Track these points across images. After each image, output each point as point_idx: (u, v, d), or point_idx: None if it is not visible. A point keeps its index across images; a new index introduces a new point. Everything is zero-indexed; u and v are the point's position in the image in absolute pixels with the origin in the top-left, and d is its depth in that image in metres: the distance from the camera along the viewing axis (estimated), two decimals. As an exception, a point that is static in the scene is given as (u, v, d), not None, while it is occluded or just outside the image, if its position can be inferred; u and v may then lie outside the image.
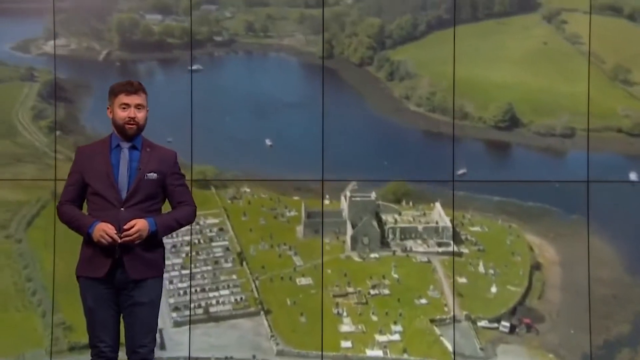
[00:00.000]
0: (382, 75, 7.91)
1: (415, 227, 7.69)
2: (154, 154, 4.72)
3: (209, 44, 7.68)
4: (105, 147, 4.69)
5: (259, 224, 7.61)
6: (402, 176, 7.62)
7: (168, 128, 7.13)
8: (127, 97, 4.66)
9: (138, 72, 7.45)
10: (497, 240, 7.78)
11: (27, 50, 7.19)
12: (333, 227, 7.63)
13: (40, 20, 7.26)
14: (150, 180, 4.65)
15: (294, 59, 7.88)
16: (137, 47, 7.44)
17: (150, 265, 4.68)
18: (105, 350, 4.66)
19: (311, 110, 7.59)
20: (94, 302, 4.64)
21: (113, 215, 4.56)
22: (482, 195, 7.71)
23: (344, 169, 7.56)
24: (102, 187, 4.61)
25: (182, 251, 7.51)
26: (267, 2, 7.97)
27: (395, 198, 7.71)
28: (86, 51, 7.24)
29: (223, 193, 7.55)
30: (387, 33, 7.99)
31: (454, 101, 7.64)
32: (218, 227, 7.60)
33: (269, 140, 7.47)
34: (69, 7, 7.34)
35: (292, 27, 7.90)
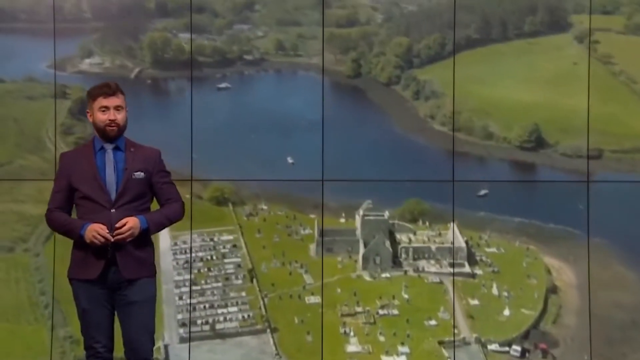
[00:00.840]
0: (409, 94, 7.99)
1: (429, 247, 7.72)
2: (138, 153, 4.74)
3: (239, 63, 7.85)
4: (89, 151, 4.72)
5: (272, 241, 7.70)
6: (422, 196, 7.67)
7: (195, 144, 7.32)
8: (106, 100, 4.66)
9: (169, 90, 7.66)
10: (513, 262, 7.77)
11: (63, 68, 7.43)
12: (346, 245, 7.70)
13: (76, 40, 7.52)
14: (137, 179, 4.67)
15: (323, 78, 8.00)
16: (168, 65, 7.64)
17: (143, 264, 4.71)
18: (101, 350, 4.68)
19: (335, 128, 7.71)
20: (88, 303, 4.67)
21: (104, 217, 4.58)
22: (503, 216, 7.73)
23: (364, 187, 7.65)
24: (90, 190, 4.63)
25: (194, 267, 7.64)
26: (299, 21, 8.10)
27: (412, 217, 7.76)
28: (119, 69, 7.47)
29: (240, 210, 7.66)
30: (414, 52, 8.06)
31: (454, 98, 7.66)
32: (232, 243, 7.70)
33: (291, 158, 7.62)
34: (104, 26, 7.58)
35: (320, 46, 8.02)
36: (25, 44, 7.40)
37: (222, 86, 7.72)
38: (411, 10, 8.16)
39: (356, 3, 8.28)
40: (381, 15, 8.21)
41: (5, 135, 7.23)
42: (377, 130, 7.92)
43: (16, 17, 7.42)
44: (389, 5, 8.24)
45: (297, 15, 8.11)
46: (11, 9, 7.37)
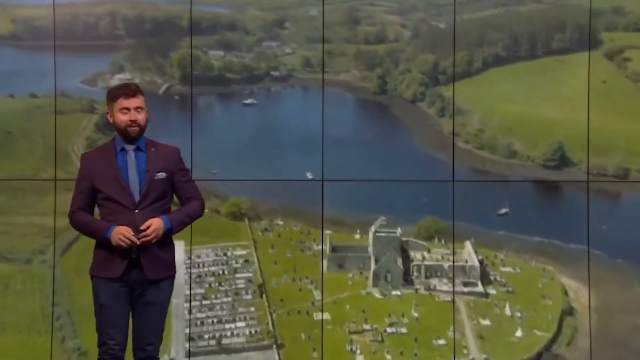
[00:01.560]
0: (433, 111, 8.03)
1: (442, 265, 7.72)
2: (159, 153, 4.79)
3: (266, 79, 8.01)
4: (110, 152, 4.75)
5: (285, 256, 7.76)
6: (440, 214, 7.69)
7: (217, 159, 7.52)
8: (127, 101, 4.70)
9: (197, 106, 7.85)
10: (528, 283, 7.71)
11: (95, 83, 7.70)
12: (357, 262, 7.73)
13: (110, 56, 7.77)
14: (159, 179, 4.72)
15: (348, 94, 8.11)
16: (197, 82, 7.82)
17: (166, 265, 4.77)
18: (115, 348, 4.69)
19: (359, 144, 7.83)
20: (108, 300, 4.69)
21: (127, 218, 4.63)
22: (522, 235, 7.70)
23: (381, 203, 7.71)
24: (114, 191, 4.67)
25: (205, 281, 7.74)
26: (328, 38, 8.21)
27: (427, 235, 7.76)
28: (148, 85, 7.67)
29: (256, 225, 7.75)
30: (441, 69, 8.10)
31: (454, 96, 7.68)
32: (244, 258, 7.78)
33: (310, 173, 7.74)
34: (136, 43, 7.82)
35: (348, 63, 8.14)
36: (61, 60, 7.67)
37: (247, 102, 7.89)
38: (438, 28, 8.20)
39: (385, 20, 8.37)
40: (409, 32, 8.28)
41: (32, 148, 7.50)
42: (400, 147, 7.97)
43: (54, 35, 7.68)
44: (418, 23, 8.30)
45: (326, 32, 8.21)
46: (49, 27, 7.63)
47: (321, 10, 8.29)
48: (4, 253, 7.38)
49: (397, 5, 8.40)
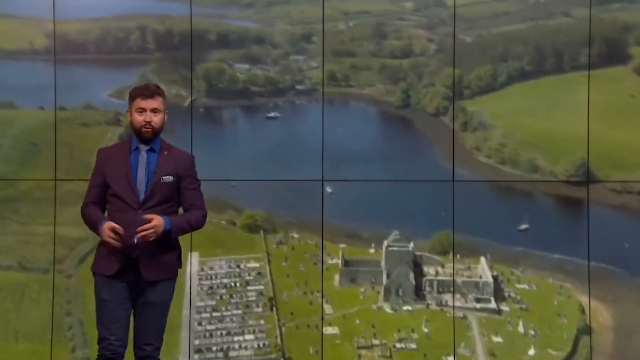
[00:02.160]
0: (456, 125, 8.02)
1: (455, 280, 7.72)
2: (171, 156, 4.85)
3: (290, 92, 8.11)
4: (125, 149, 4.83)
5: (298, 270, 7.77)
6: (457, 228, 7.66)
7: (238, 171, 7.64)
8: (144, 102, 4.79)
9: (221, 118, 7.97)
10: (543, 300, 7.62)
11: (122, 96, 7.85)
12: (370, 276, 7.72)
13: (137, 69, 7.95)
14: (165, 183, 4.77)
15: (372, 108, 8.16)
16: (222, 94, 7.94)
17: (165, 267, 4.81)
18: (116, 343, 4.72)
19: (380, 158, 7.86)
20: (108, 296, 4.74)
21: (131, 217, 4.68)
22: (541, 252, 7.63)
23: (397, 217, 7.72)
24: (121, 189, 4.74)
25: (217, 293, 7.78)
26: (354, 52, 8.28)
27: (443, 249, 7.74)
28: (174, 97, 7.83)
29: (271, 238, 7.79)
30: (465, 83, 8.09)
31: (454, 96, 7.63)
32: (257, 271, 7.82)
33: (330, 187, 7.80)
34: (163, 56, 7.98)
35: (373, 77, 8.18)
36: (91, 74, 7.89)
37: (271, 115, 7.98)
38: (464, 42, 8.20)
39: (413, 34, 8.39)
40: (435, 46, 8.30)
41: (57, 160, 7.68)
42: (421, 160, 7.98)
43: (86, 49, 7.90)
44: (445, 37, 8.30)
45: (353, 46, 8.30)
46: (81, 40, 7.86)
47: (348, 24, 8.39)
48: (22, 262, 7.53)
49: (426, 19, 8.41)
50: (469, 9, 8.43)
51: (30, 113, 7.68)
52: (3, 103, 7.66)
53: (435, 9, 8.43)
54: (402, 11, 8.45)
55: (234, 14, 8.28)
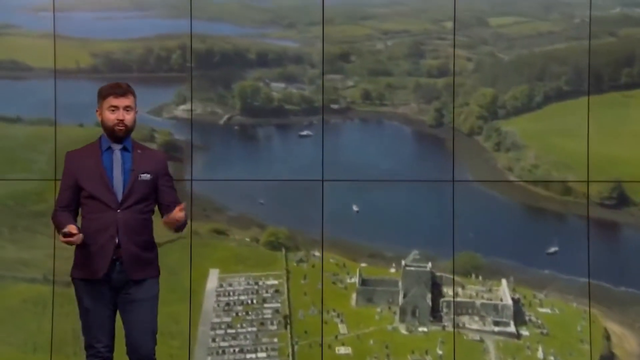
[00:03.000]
0: (489, 145, 7.95)
1: (473, 302, 7.54)
2: (146, 155, 4.85)
3: (325, 111, 8.18)
4: (95, 150, 4.78)
5: (315, 288, 7.75)
6: (480, 250, 7.57)
7: (267, 189, 7.76)
8: (116, 100, 4.75)
9: (256, 136, 8.08)
10: (566, 325, 7.45)
11: (159, 114, 8.04)
12: (387, 296, 7.66)
13: (176, 88, 8.16)
14: (143, 181, 4.75)
15: (406, 127, 8.16)
16: (257, 113, 8.05)
17: (148, 265, 4.80)
18: (103, 350, 4.74)
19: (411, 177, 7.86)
20: (92, 303, 4.72)
21: (109, 217, 4.67)
22: (569, 275, 7.48)
23: (418, 236, 7.68)
24: (97, 190, 4.69)
25: (234, 310, 7.81)
26: (390, 71, 8.31)
27: (465, 270, 7.66)
28: (210, 115, 7.98)
29: (292, 255, 7.80)
30: (500, 103, 8.02)
31: (453, 95, 7.49)
32: (275, 289, 7.82)
33: (356, 206, 7.83)
34: (201, 75, 8.15)
35: (407, 96, 8.19)
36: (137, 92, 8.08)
37: (303, 133, 8.06)
38: (501, 61, 8.13)
39: (450, 53, 8.37)
40: (472, 65, 8.26)
41: None
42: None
43: (128, 68, 8.13)
44: (484, 56, 8.26)
45: (390, 65, 8.32)
46: (124, 59, 8.10)
47: (386, 44, 8.43)
48: (47, 275, 7.66)
49: (467, 39, 8.38)
50: (511, 28, 8.39)
51: (69, 130, 7.87)
52: (43, 120, 7.84)
53: (476, 29, 8.39)
54: (442, 31, 8.42)
55: (275, 34, 8.38)
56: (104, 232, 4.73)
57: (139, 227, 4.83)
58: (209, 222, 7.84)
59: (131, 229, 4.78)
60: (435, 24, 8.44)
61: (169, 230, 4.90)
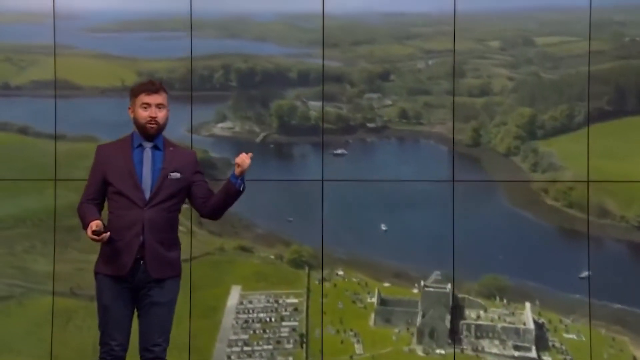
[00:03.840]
0: (526, 166, 7.79)
1: (494, 325, 7.35)
2: (177, 154, 4.85)
3: (361, 130, 8.17)
4: (126, 146, 4.80)
5: (335, 307, 7.68)
6: (504, 271, 7.38)
7: (296, 207, 7.77)
8: (148, 97, 4.78)
9: (292, 154, 8.13)
10: (592, 352, 7.18)
11: (199, 131, 8.17)
12: (406, 317, 7.55)
13: (217, 106, 8.29)
14: (173, 179, 4.76)
15: (442, 146, 8.07)
16: (293, 131, 8.10)
17: (171, 265, 4.81)
18: (117, 349, 4.75)
19: (443, 197, 7.76)
20: (111, 300, 4.74)
21: (135, 215, 4.69)
22: (601, 301, 7.22)
23: (439, 258, 7.57)
24: (125, 186, 4.71)
25: (252, 327, 7.79)
26: (429, 90, 8.25)
27: (489, 292, 7.49)
28: (247, 133, 8.05)
29: (316, 274, 7.75)
30: (538, 123, 7.87)
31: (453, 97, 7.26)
32: (294, 307, 7.78)
33: (384, 225, 7.77)
34: (239, 94, 8.26)
35: (445, 115, 8.11)
36: (174, 109, 8.24)
37: (337, 152, 8.06)
38: (541, 81, 7.97)
39: (492, 73, 8.26)
40: (512, 85, 8.13)
41: None
42: (484, 201, 7.79)
43: (172, 86, 8.30)
44: (526, 76, 8.14)
45: (430, 84, 8.27)
46: (168, 78, 8.27)
47: (428, 63, 8.38)
48: (74, 288, 7.76)
49: (512, 58, 8.29)
50: (558, 47, 8.23)
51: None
52: (87, 137, 7.99)
53: (522, 48, 8.27)
54: (486, 50, 8.33)
55: (319, 53, 8.42)
56: (130, 230, 4.75)
57: (164, 226, 4.84)
58: (237, 238, 7.90)
59: (156, 227, 4.79)
60: (480, 43, 8.34)
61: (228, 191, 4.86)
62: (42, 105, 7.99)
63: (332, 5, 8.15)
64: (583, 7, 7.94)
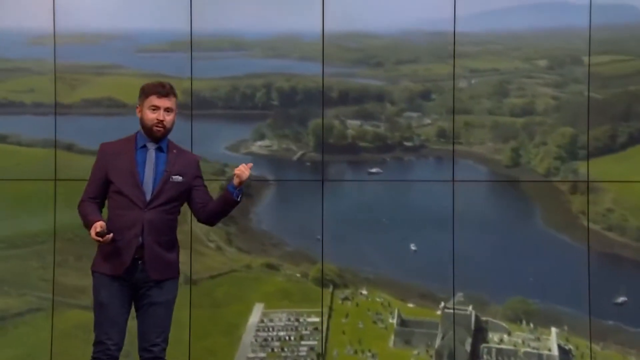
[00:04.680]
0: (565, 187, 7.56)
1: (516, 350, 7.09)
2: (180, 157, 4.86)
3: (398, 149, 8.08)
4: (130, 146, 4.81)
5: (355, 327, 7.57)
6: (532, 295, 7.13)
7: (329, 225, 7.70)
8: (158, 100, 4.78)
9: (328, 172, 8.09)
10: None
11: (237, 150, 8.19)
12: (426, 338, 7.38)
13: (255, 124, 8.33)
14: (175, 182, 4.78)
15: (481, 166, 7.91)
16: (330, 149, 8.06)
17: (170, 266, 4.82)
18: (113, 348, 4.72)
19: (486, 221, 7.58)
20: (108, 299, 4.73)
21: (135, 216, 4.70)
22: (637, 328, 6.89)
23: (486, 282, 7.43)
24: (126, 186, 4.71)
25: (270, 346, 7.72)
26: (470, 110, 8.12)
27: (515, 316, 7.27)
28: (284, 151, 8.08)
29: (339, 293, 7.66)
30: (579, 144, 7.64)
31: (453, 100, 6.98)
32: (315, 326, 7.69)
33: (414, 245, 7.62)
34: (278, 113, 8.29)
35: (484, 135, 7.96)
36: (215, 128, 8.34)
37: (373, 171, 7.99)
38: (584, 100, 7.74)
39: (537, 92, 8.09)
40: (555, 104, 7.92)
41: None
42: (524, 224, 7.58)
43: (215, 104, 8.39)
44: (571, 95, 7.93)
45: (471, 103, 8.14)
46: (212, 96, 8.36)
47: (470, 82, 8.25)
48: None
49: (559, 77, 8.11)
50: (607, 66, 7.99)
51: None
52: None
53: (570, 67, 8.07)
54: (533, 69, 8.18)
55: (363, 73, 8.40)
56: (129, 230, 4.76)
57: (164, 227, 4.86)
58: (264, 256, 7.88)
59: (156, 229, 4.81)
60: (528, 62, 8.19)
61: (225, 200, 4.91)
62: (87, 123, 8.15)
63: (378, 25, 8.10)
64: (635, 25, 7.69)
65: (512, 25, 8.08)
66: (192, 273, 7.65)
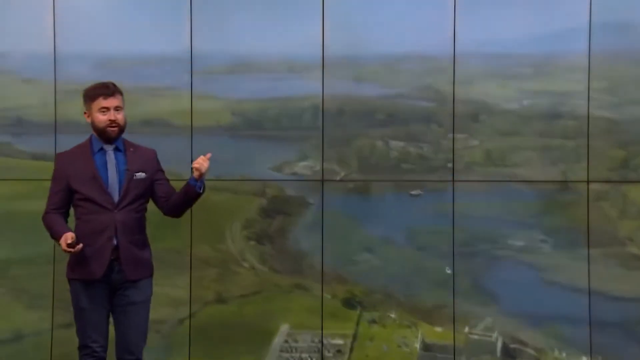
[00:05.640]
0: (614, 212, 7.19)
1: None
2: (138, 154, 4.93)
3: (441, 170, 7.85)
4: (86, 152, 4.88)
5: (379, 350, 7.36)
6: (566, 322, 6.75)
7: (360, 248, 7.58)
8: (106, 101, 4.81)
9: (369, 193, 7.94)
10: None
11: (281, 170, 8.13)
12: None
13: (299, 145, 8.27)
14: (139, 180, 4.87)
15: (529, 190, 7.62)
16: (373, 170, 7.94)
17: (144, 265, 4.92)
18: (99, 350, 4.83)
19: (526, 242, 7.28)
20: (89, 303, 4.82)
21: (106, 219, 4.79)
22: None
23: (521, 306, 7.21)
24: (92, 192, 4.79)
25: None
26: (520, 132, 7.86)
27: (547, 343, 6.93)
28: (327, 173, 8.00)
29: (367, 315, 7.49)
30: (632, 166, 7.27)
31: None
32: (338, 348, 7.49)
33: (449, 268, 7.34)
34: (324, 134, 8.17)
35: (531, 156, 7.68)
36: (262, 148, 8.30)
37: (414, 193, 7.80)
38: (638, 123, 7.40)
39: (592, 115, 7.78)
40: (610, 126, 7.58)
41: (195, 225, 7.79)
42: (565, 245, 7.24)
43: (262, 126, 8.36)
44: (626, 117, 7.59)
45: (520, 126, 7.89)
46: (260, 118, 8.34)
47: (522, 104, 7.99)
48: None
49: (615, 99, 7.75)
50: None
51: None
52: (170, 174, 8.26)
53: (628, 88, 7.77)
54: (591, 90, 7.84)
55: (412, 94, 8.26)
56: (102, 234, 4.85)
57: (135, 226, 4.97)
58: (297, 276, 7.77)
59: (129, 229, 4.91)
60: (584, 83, 7.85)
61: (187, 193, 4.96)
62: (134, 142, 8.23)
63: (431, 47, 7.97)
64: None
65: (569, 47, 7.80)
66: (223, 292, 7.66)
